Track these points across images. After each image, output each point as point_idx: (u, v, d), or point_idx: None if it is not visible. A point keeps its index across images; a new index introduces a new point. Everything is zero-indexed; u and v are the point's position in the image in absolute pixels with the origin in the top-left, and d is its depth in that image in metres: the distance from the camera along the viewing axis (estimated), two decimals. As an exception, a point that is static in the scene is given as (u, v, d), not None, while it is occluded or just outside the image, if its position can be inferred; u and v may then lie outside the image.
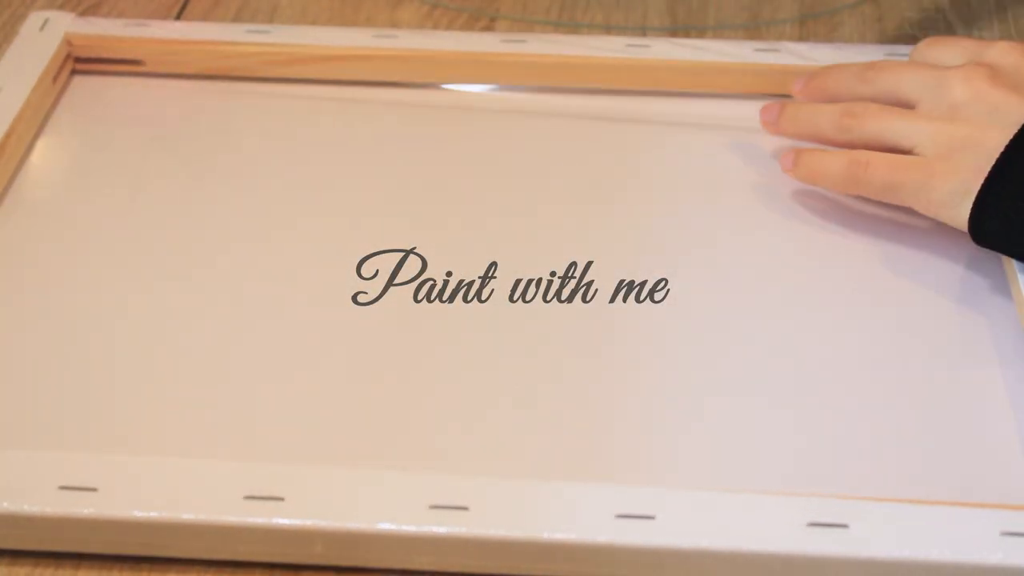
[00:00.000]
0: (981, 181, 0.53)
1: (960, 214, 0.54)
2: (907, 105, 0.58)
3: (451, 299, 0.57)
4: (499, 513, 0.46)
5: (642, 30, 0.75)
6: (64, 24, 0.69)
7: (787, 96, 0.67)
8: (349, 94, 0.69)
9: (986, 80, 0.56)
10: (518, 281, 0.58)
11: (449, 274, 0.58)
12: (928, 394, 0.52)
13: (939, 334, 0.55)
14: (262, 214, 0.61)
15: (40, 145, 0.65)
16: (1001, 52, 0.58)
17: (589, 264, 0.58)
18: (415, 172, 0.64)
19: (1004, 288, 0.56)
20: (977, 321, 0.55)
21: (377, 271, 0.58)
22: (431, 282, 0.57)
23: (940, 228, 0.58)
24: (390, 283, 0.57)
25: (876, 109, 0.58)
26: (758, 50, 0.68)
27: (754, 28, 0.75)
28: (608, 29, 0.75)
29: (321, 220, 0.61)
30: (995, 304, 0.56)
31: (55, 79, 0.67)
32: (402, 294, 0.57)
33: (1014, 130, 0.53)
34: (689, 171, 0.64)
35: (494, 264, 0.58)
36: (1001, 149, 0.53)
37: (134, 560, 0.47)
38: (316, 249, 0.59)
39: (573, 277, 0.58)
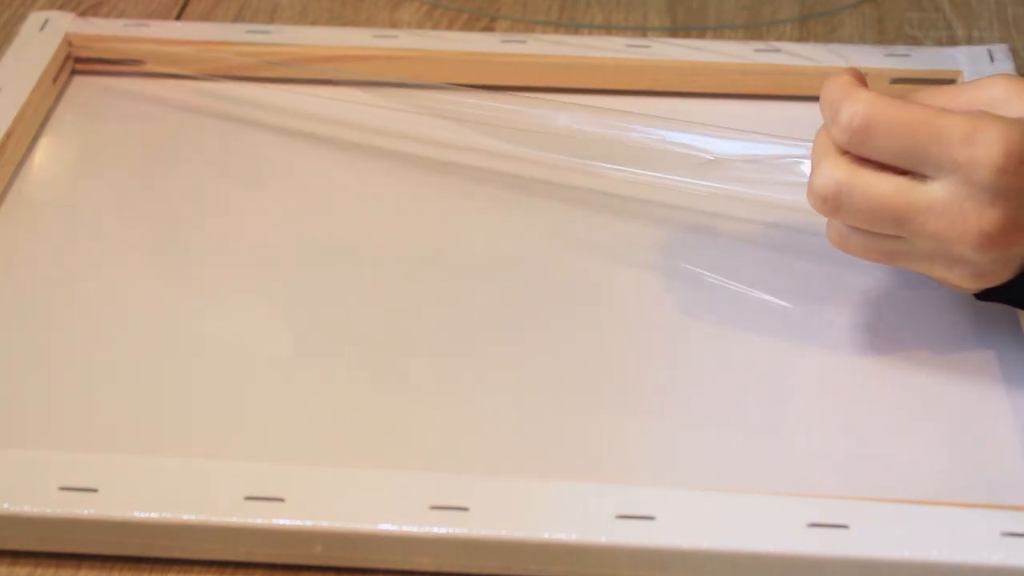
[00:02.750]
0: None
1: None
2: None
3: (452, 303, 0.57)
4: (499, 513, 0.46)
5: (642, 30, 0.75)
6: (64, 24, 0.69)
7: (785, 96, 0.67)
8: (349, 94, 0.68)
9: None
10: (518, 283, 0.58)
11: (449, 276, 0.58)
12: (928, 394, 0.52)
13: (939, 334, 0.55)
14: (263, 213, 0.61)
15: (40, 145, 0.65)
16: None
17: (590, 261, 0.58)
18: (415, 171, 0.64)
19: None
20: (977, 321, 0.55)
21: (377, 274, 0.58)
22: (432, 283, 0.58)
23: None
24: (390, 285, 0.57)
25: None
26: (758, 50, 0.68)
27: (754, 28, 0.75)
28: (608, 29, 0.75)
29: (323, 219, 0.61)
30: (995, 304, 0.56)
31: (55, 79, 0.67)
32: (403, 294, 0.57)
33: None
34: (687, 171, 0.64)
35: (491, 263, 0.58)
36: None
37: (135, 560, 0.47)
38: (318, 248, 0.59)
39: (568, 277, 0.58)
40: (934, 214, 0.47)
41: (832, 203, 0.49)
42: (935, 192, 0.47)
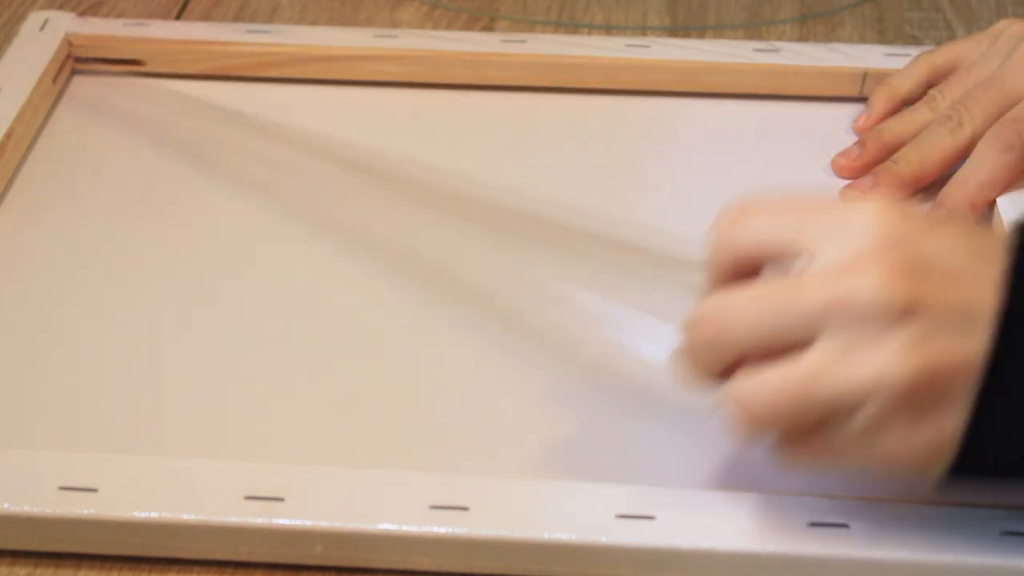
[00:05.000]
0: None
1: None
2: None
3: (453, 300, 0.57)
4: (499, 513, 0.46)
5: (642, 30, 0.75)
6: (64, 24, 0.69)
7: (786, 96, 0.67)
8: (349, 94, 0.69)
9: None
10: (517, 282, 0.58)
11: (448, 275, 0.58)
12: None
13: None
14: (263, 214, 0.61)
15: (41, 145, 0.65)
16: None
17: (589, 263, 0.58)
18: (415, 173, 0.64)
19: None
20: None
21: (377, 273, 0.58)
22: (431, 283, 0.58)
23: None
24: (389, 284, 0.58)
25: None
26: (758, 50, 0.68)
27: (754, 28, 0.75)
28: (608, 29, 0.75)
29: (322, 220, 0.61)
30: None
31: (55, 79, 0.67)
32: (403, 294, 0.57)
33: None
34: (687, 171, 0.64)
35: (495, 264, 0.58)
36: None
37: (134, 560, 0.47)
38: (317, 249, 0.59)
39: (573, 278, 0.58)
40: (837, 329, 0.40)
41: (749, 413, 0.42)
42: (818, 350, 0.40)
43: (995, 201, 0.58)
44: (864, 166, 0.62)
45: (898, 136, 0.62)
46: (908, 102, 0.64)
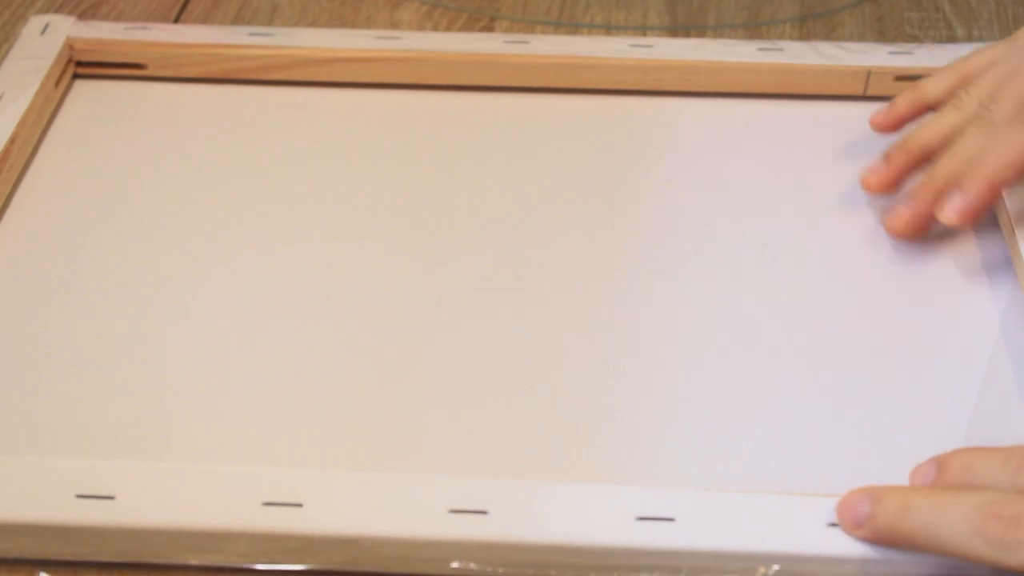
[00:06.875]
0: None
1: None
2: None
3: (466, 303, 0.57)
4: (519, 516, 0.46)
5: (642, 30, 0.75)
6: (65, 28, 0.69)
7: (789, 95, 0.68)
8: (352, 96, 0.68)
9: None
10: (526, 283, 0.58)
11: (457, 276, 0.58)
12: (947, 397, 0.53)
13: (956, 336, 0.55)
14: (268, 217, 0.61)
15: (45, 149, 0.65)
16: None
17: (597, 265, 0.58)
18: (417, 174, 0.64)
19: (1016, 292, 0.57)
20: (993, 323, 0.56)
21: (387, 275, 0.58)
22: (440, 285, 0.57)
23: (952, 235, 0.59)
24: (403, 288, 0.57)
25: None
26: (762, 49, 0.68)
27: (754, 28, 0.75)
28: (608, 29, 0.75)
29: (327, 222, 0.61)
30: (1010, 307, 0.56)
31: (57, 83, 0.67)
32: (417, 298, 0.57)
33: None
34: (691, 171, 0.64)
35: (501, 265, 0.58)
36: None
37: (149, 568, 0.47)
38: (324, 251, 0.59)
39: (582, 280, 0.58)
40: None
41: None
42: None
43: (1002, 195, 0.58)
44: (893, 178, 0.60)
45: (924, 144, 0.59)
46: (932, 109, 0.62)
